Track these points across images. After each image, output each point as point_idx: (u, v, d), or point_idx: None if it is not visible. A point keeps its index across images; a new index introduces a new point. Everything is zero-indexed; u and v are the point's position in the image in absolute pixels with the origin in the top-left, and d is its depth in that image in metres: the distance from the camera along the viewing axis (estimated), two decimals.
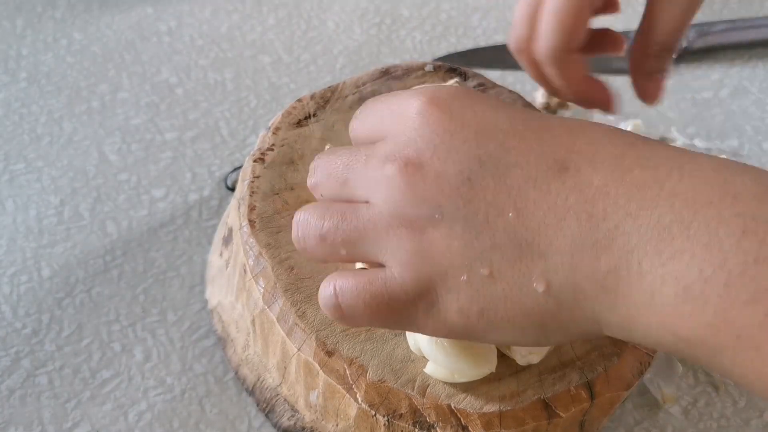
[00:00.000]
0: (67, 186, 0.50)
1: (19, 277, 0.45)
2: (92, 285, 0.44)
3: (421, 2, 0.66)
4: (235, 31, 0.62)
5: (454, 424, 0.33)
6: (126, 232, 0.47)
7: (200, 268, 0.45)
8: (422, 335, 0.33)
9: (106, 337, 0.42)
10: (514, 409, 0.33)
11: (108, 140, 0.53)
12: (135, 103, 0.56)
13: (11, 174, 0.50)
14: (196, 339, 0.42)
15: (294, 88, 0.58)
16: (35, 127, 0.53)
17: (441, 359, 0.33)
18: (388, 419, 0.33)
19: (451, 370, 0.33)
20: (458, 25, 0.65)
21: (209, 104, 0.56)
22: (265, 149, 0.42)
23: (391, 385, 0.33)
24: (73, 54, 0.59)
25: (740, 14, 0.66)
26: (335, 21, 0.64)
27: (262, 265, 0.37)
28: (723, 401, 0.41)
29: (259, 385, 0.39)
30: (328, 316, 0.31)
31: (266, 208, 0.39)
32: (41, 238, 0.47)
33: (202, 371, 0.41)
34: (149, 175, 0.51)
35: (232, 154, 0.52)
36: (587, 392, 0.34)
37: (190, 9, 0.64)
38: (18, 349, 0.41)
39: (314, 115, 0.44)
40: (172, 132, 0.54)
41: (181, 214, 0.48)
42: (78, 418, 0.39)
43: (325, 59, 0.60)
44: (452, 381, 0.34)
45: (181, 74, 0.58)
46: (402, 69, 0.47)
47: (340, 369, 0.34)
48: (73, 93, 0.56)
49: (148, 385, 0.40)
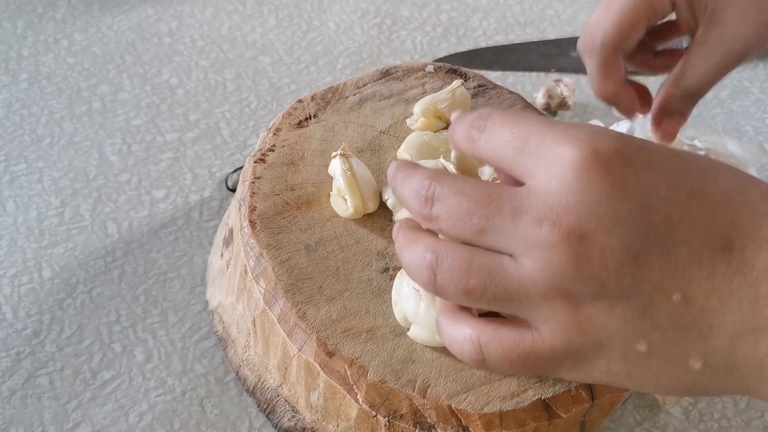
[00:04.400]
0: (68, 187, 0.50)
1: (20, 278, 0.45)
2: (93, 286, 0.44)
3: (422, 3, 0.66)
4: (235, 32, 0.62)
5: (455, 425, 0.33)
6: (127, 233, 0.47)
7: (201, 269, 0.45)
8: (407, 300, 0.34)
9: (107, 338, 0.42)
10: (515, 410, 0.33)
11: (109, 141, 0.53)
12: (136, 104, 0.56)
13: (12, 175, 0.50)
14: (197, 340, 0.42)
15: (294, 89, 0.58)
16: (36, 128, 0.53)
17: (424, 320, 0.34)
18: (389, 420, 0.33)
19: (433, 331, 0.34)
20: (458, 25, 0.65)
21: (210, 105, 0.56)
22: (266, 150, 0.42)
23: (392, 386, 0.33)
24: (73, 55, 0.59)
25: None
26: (336, 22, 0.64)
27: (262, 266, 0.37)
28: (723, 402, 0.41)
29: (260, 386, 0.39)
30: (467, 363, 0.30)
31: (267, 208, 0.39)
32: (42, 239, 0.47)
33: (202, 372, 0.41)
34: (150, 176, 0.51)
35: (233, 155, 0.52)
36: (588, 393, 0.34)
37: (191, 10, 0.64)
38: (19, 350, 0.41)
39: (315, 115, 0.44)
40: (173, 133, 0.54)
41: (182, 214, 0.48)
42: (79, 419, 0.39)
43: (325, 60, 0.61)
44: (434, 343, 0.34)
45: (182, 75, 0.58)
46: (402, 70, 0.47)
47: (340, 370, 0.34)
48: (73, 94, 0.56)
49: (149, 385, 0.40)
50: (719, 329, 0.26)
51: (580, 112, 0.57)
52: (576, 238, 0.26)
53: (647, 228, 0.26)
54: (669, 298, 0.26)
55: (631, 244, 0.26)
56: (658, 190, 0.26)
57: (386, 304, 0.36)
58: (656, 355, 0.27)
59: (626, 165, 0.26)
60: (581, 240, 0.26)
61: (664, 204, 0.26)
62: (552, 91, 0.56)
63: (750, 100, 0.59)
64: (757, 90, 0.60)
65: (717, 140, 0.54)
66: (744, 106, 0.59)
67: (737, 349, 0.26)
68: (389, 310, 0.36)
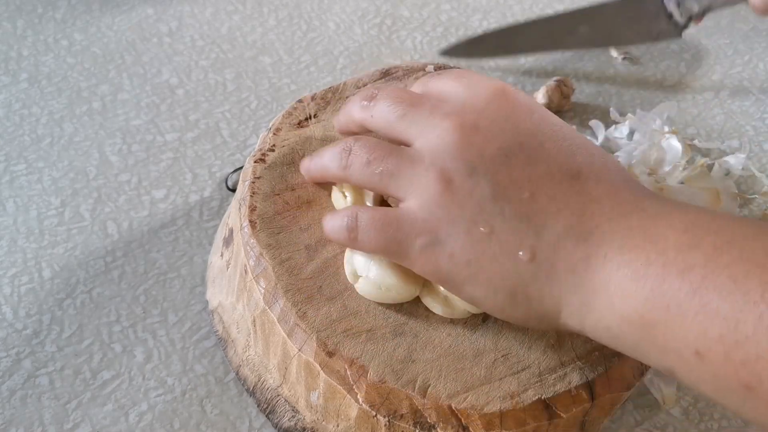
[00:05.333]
0: (68, 187, 0.50)
1: (20, 278, 0.45)
2: (93, 286, 0.44)
3: (422, 3, 0.67)
4: (235, 32, 0.62)
5: (455, 425, 0.33)
6: (127, 233, 0.47)
7: (201, 269, 0.45)
8: (358, 255, 0.36)
9: (107, 338, 0.42)
10: (515, 410, 0.33)
11: (109, 141, 0.53)
12: (136, 104, 0.56)
13: (12, 175, 0.50)
14: (197, 340, 0.42)
15: (295, 88, 0.58)
16: (36, 128, 0.53)
17: (374, 272, 0.35)
18: (389, 420, 0.33)
19: (380, 285, 0.35)
20: (459, 25, 0.65)
21: (210, 105, 0.56)
22: (266, 150, 0.42)
23: (392, 386, 0.33)
24: (73, 55, 0.59)
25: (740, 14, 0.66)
26: (336, 22, 0.64)
27: (262, 266, 0.37)
28: None
29: (260, 386, 0.39)
30: (336, 239, 0.36)
31: (267, 208, 0.39)
32: (42, 239, 0.47)
33: (202, 372, 0.41)
34: (150, 176, 0.51)
35: (233, 155, 0.52)
36: (588, 393, 0.34)
37: (191, 10, 0.64)
38: (19, 350, 0.41)
39: (315, 115, 0.44)
40: (173, 133, 0.54)
41: (182, 215, 0.48)
42: (79, 419, 0.39)
43: (325, 60, 0.61)
44: (380, 298, 0.36)
45: (182, 75, 0.58)
46: (403, 70, 0.47)
47: (340, 369, 0.34)
48: (73, 94, 0.56)
49: (149, 385, 0.40)
50: (551, 228, 0.31)
51: (580, 112, 0.57)
52: (470, 127, 0.33)
53: (523, 141, 0.33)
54: (520, 194, 0.32)
55: (507, 146, 0.33)
56: (541, 125, 0.34)
57: (386, 303, 0.36)
58: (494, 239, 0.31)
59: (528, 103, 0.35)
60: (473, 130, 0.33)
61: (542, 135, 0.33)
62: (552, 91, 0.56)
63: (750, 100, 0.59)
64: (757, 90, 0.60)
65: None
66: (744, 106, 0.59)
67: (559, 250, 0.31)
68: (389, 309, 0.36)
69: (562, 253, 0.31)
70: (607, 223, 0.31)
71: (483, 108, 0.34)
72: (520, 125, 0.33)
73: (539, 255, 0.31)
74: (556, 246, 0.31)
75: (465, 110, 0.34)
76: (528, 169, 0.32)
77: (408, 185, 0.33)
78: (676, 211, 0.31)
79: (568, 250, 0.31)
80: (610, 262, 0.30)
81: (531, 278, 0.31)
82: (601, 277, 0.30)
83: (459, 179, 0.32)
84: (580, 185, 0.32)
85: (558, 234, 0.31)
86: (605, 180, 0.32)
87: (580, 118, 0.57)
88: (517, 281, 0.31)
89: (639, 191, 0.32)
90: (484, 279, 0.32)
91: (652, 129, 0.53)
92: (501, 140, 0.33)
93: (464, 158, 0.32)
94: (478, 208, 0.32)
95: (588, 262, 0.30)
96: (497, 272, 0.32)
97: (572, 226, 0.31)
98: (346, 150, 0.36)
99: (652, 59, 0.62)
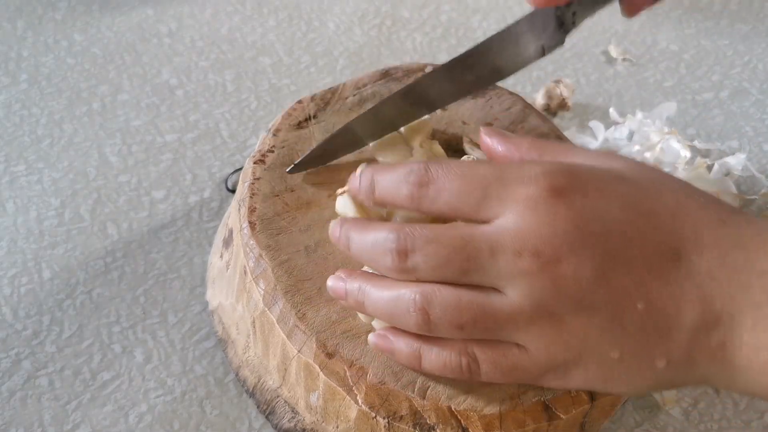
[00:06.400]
0: (68, 188, 0.50)
1: (20, 279, 0.45)
2: (93, 286, 0.44)
3: (422, 4, 0.67)
4: (235, 32, 0.62)
5: (455, 426, 0.33)
6: (126, 234, 0.47)
7: (201, 270, 0.45)
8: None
9: (107, 339, 0.42)
10: (515, 411, 0.33)
11: (108, 142, 0.53)
12: (135, 105, 0.56)
13: (12, 175, 0.50)
14: (197, 340, 0.42)
15: (294, 89, 0.58)
16: (36, 129, 0.53)
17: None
18: (389, 421, 0.33)
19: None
20: (458, 26, 0.65)
21: (210, 106, 0.56)
22: (266, 151, 0.42)
23: (392, 387, 0.33)
24: (73, 56, 0.59)
25: (740, 15, 0.66)
26: (335, 22, 0.64)
27: (262, 267, 0.37)
28: (724, 403, 0.41)
29: (260, 387, 0.39)
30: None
31: (267, 209, 0.39)
32: (42, 240, 0.47)
33: (202, 373, 0.41)
34: (150, 177, 0.51)
35: (233, 156, 0.52)
36: (587, 394, 0.34)
37: (191, 11, 0.64)
38: (18, 351, 0.41)
39: (315, 116, 0.44)
40: (173, 133, 0.54)
41: (182, 215, 0.48)
42: (78, 420, 0.39)
43: (325, 61, 0.61)
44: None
45: (182, 76, 0.58)
46: (402, 70, 0.47)
47: (340, 371, 0.34)
48: (73, 95, 0.56)
49: (149, 386, 0.40)
50: (677, 329, 0.30)
51: (579, 112, 0.57)
52: (553, 263, 0.29)
53: (609, 247, 0.30)
54: (635, 307, 0.30)
55: (598, 262, 0.29)
56: (612, 214, 0.30)
57: None
58: (627, 359, 0.30)
59: (583, 196, 0.30)
60: (557, 265, 0.29)
61: (619, 224, 0.30)
62: (552, 92, 0.56)
63: (749, 101, 0.59)
64: (756, 91, 0.60)
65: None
66: (744, 106, 0.59)
67: (693, 345, 0.30)
68: None
69: (697, 347, 0.30)
70: (729, 301, 0.29)
71: (549, 230, 0.30)
72: (594, 229, 0.30)
73: (674, 357, 0.30)
74: (689, 343, 0.30)
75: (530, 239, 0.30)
76: (629, 275, 0.30)
77: (516, 337, 0.31)
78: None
79: (702, 343, 0.30)
80: (746, 347, 0.29)
81: (672, 375, 0.31)
82: (742, 358, 0.29)
83: (569, 319, 0.30)
84: (685, 267, 0.30)
85: (687, 330, 0.30)
86: (706, 241, 0.30)
87: (580, 119, 0.57)
88: (658, 382, 0.31)
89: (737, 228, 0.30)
90: (624, 387, 0.32)
91: (651, 130, 0.53)
92: (589, 260, 0.29)
93: (566, 297, 0.30)
94: (600, 339, 0.30)
95: (725, 348, 0.30)
96: (636, 381, 0.31)
97: (698, 318, 0.30)
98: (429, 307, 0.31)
99: (651, 60, 0.62)
